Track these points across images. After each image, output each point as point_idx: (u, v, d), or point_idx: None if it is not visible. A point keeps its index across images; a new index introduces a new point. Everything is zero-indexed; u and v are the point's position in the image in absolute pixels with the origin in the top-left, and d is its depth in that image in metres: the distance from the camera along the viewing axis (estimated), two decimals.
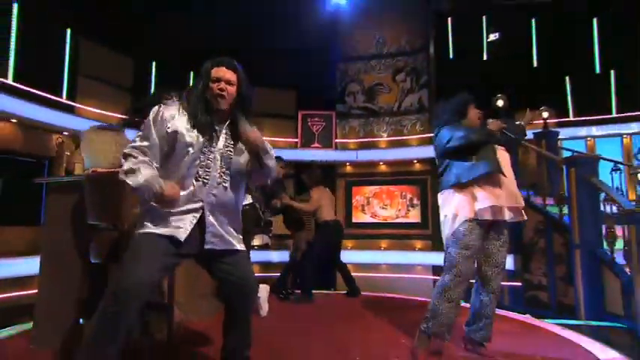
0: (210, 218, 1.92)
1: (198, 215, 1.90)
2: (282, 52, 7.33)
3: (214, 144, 1.95)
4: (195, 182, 1.90)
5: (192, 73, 7.23)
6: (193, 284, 3.25)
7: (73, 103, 6.20)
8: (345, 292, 5.06)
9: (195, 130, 1.93)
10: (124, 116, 6.57)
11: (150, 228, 1.87)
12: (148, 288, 1.76)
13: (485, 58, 8.50)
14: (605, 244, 4.67)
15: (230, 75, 2.00)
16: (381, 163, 7.78)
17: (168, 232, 1.85)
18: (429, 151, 7.38)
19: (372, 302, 4.65)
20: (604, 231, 4.67)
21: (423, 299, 4.67)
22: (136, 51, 6.91)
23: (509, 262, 5.95)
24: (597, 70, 7.50)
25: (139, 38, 6.85)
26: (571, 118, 8.10)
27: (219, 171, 1.94)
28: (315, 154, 7.74)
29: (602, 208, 4.92)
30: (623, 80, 7.72)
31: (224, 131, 1.99)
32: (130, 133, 2.63)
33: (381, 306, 4.41)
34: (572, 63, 7.95)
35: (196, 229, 1.90)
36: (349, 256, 6.65)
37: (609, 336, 3.89)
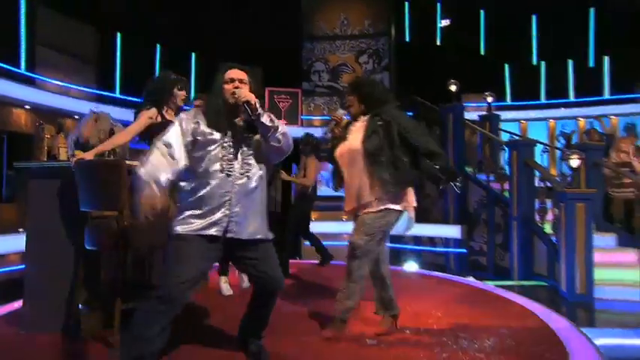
0: (236, 209, 1.99)
1: (227, 208, 1.98)
2: (248, 28, 7.14)
3: (233, 138, 2.03)
4: (219, 175, 1.98)
5: (158, 47, 6.87)
6: None
7: (33, 75, 5.72)
8: (317, 261, 5.23)
9: (214, 129, 2.01)
10: (91, 90, 6.19)
11: (189, 226, 1.96)
12: (193, 287, 1.92)
13: (438, 43, 8.82)
14: (537, 216, 5.28)
15: (241, 75, 2.10)
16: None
17: (206, 232, 1.95)
18: None
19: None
20: (537, 205, 5.26)
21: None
22: (99, 20, 6.43)
23: (457, 231, 6.54)
24: (534, 60, 8.10)
25: (102, 6, 6.36)
26: (508, 103, 8.74)
27: (240, 163, 2.02)
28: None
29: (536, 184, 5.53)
30: (552, 71, 8.42)
31: (241, 125, 2.07)
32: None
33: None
34: (513, 52, 8.51)
35: (225, 220, 1.99)
36: (315, 226, 6.86)
37: (536, 293, 4.47)
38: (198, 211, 1.97)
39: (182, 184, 2.06)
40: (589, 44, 7.03)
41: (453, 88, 6.89)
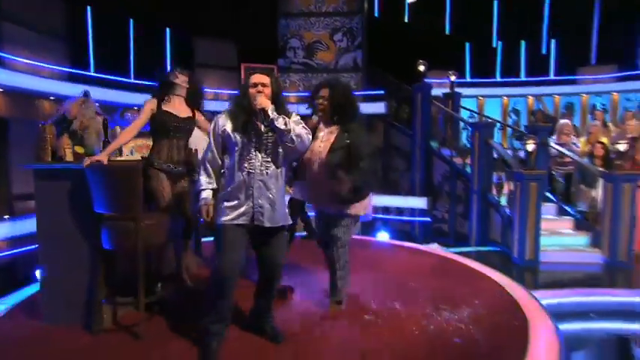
0: (259, 201, 2.28)
1: (251, 201, 2.27)
2: (225, 4, 6.96)
3: (254, 139, 2.28)
4: (243, 172, 2.27)
5: (132, 22, 6.52)
6: None
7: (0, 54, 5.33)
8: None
9: (237, 131, 2.27)
10: (64, 68, 5.84)
11: (226, 216, 2.30)
12: (240, 266, 2.27)
13: (406, 20, 9.01)
14: (494, 190, 5.92)
15: (264, 79, 2.31)
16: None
17: (240, 221, 2.29)
18: (364, 108, 7.97)
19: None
20: (495, 181, 5.87)
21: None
22: None
23: (422, 203, 7.14)
24: (494, 40, 8.54)
25: None
26: (468, 80, 9.26)
27: (260, 161, 2.28)
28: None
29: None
30: (508, 51, 8.96)
31: (262, 126, 2.28)
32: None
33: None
34: (475, 33, 8.90)
35: (250, 211, 2.30)
36: None
37: (492, 258, 5.11)
38: (230, 203, 2.29)
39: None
40: (542, 28, 7.50)
41: (422, 68, 7.25)
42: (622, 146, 4.87)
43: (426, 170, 7.27)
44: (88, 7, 6.22)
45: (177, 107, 3.00)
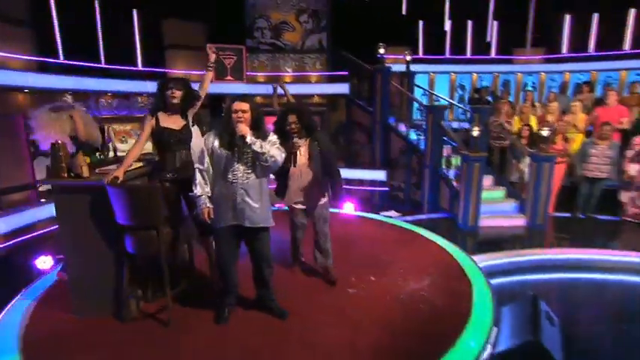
0: (241, 205, 2.81)
1: (236, 205, 2.81)
2: None
3: (237, 155, 2.77)
4: (227, 182, 2.80)
5: (97, 6, 6.23)
6: None
7: None
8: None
9: (223, 147, 2.78)
10: (32, 58, 5.56)
11: (219, 223, 2.87)
12: (234, 256, 2.98)
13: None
14: (444, 164, 6.75)
15: (244, 106, 2.76)
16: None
17: (230, 223, 2.86)
18: (326, 88, 8.34)
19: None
20: (445, 158, 6.68)
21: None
22: None
23: (382, 175, 7.84)
24: (446, 19, 9.00)
25: None
26: (420, 56, 9.83)
27: (242, 172, 2.78)
28: (229, 87, 7.86)
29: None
30: (457, 30, 9.56)
31: (243, 144, 2.76)
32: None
33: None
34: (428, 12, 9.33)
35: (238, 213, 2.85)
36: None
37: (442, 224, 6.02)
38: (218, 208, 2.84)
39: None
40: (487, 11, 8.06)
41: (382, 50, 7.68)
42: (545, 132, 5.74)
43: (385, 145, 7.89)
44: None
45: (174, 120, 3.19)
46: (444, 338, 2.86)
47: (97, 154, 3.56)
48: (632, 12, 8.86)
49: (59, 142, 3.14)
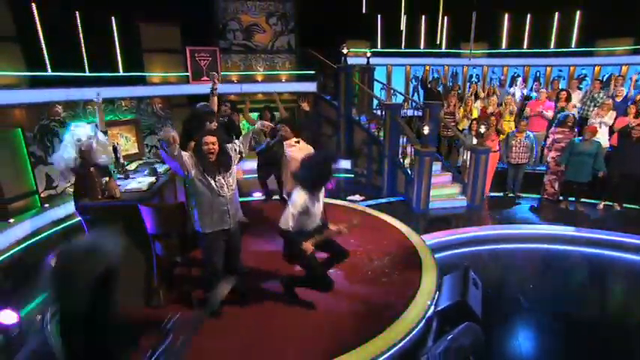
0: (232, 211, 3.44)
1: (227, 212, 3.40)
2: None
3: (218, 177, 3.35)
4: (219, 196, 3.35)
5: (78, 14, 6.36)
6: None
7: None
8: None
9: (205, 174, 3.32)
10: (22, 73, 5.69)
11: (209, 229, 3.39)
12: (222, 262, 3.49)
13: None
14: (400, 154, 7.67)
15: (213, 139, 3.26)
16: (259, 94, 8.96)
17: (222, 227, 3.43)
18: (296, 86, 8.90)
19: None
20: (401, 149, 7.61)
21: None
22: None
23: (348, 163, 8.64)
24: (401, 14, 9.55)
25: None
26: (379, 50, 10.55)
27: (226, 186, 3.38)
28: (206, 87, 8.10)
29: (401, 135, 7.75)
30: (411, 24, 10.27)
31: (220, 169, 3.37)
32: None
33: None
34: (386, 7, 9.91)
35: (227, 218, 3.46)
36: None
37: (398, 206, 6.94)
38: (213, 216, 3.33)
39: (196, 199, 3.31)
40: (439, 2, 8.73)
41: (345, 51, 8.37)
42: (482, 129, 6.81)
43: (349, 136, 8.63)
44: (33, 4, 5.84)
45: None
46: (401, 302, 3.83)
47: (114, 171, 4.17)
48: (557, 15, 10.05)
49: (91, 169, 3.67)
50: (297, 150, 4.33)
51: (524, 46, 10.45)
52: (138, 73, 7.49)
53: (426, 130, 6.66)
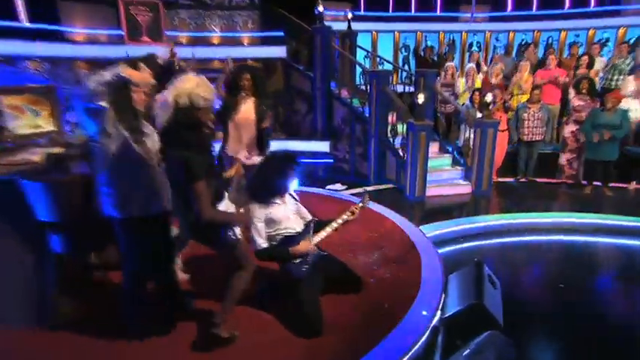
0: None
1: None
2: None
3: None
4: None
5: None
6: None
7: None
8: None
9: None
10: None
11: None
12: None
13: None
14: (389, 133, 7.17)
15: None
16: (215, 60, 8.25)
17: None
18: (261, 51, 8.32)
19: None
20: (390, 127, 7.08)
21: None
22: None
23: (325, 146, 8.10)
24: None
25: None
26: (362, 13, 10.06)
27: None
28: (146, 49, 7.44)
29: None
30: None
31: None
32: None
33: None
34: None
35: None
36: None
37: (389, 195, 6.51)
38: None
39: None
40: None
41: (321, 8, 7.81)
42: (489, 97, 6.35)
43: (327, 113, 8.15)
44: None
45: None
46: (395, 310, 3.26)
47: None
48: None
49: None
50: (246, 110, 4.13)
51: (534, 8, 10.14)
52: (50, 25, 6.68)
53: (420, 98, 6.16)
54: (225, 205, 2.85)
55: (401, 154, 6.72)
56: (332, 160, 8.19)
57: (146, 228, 2.72)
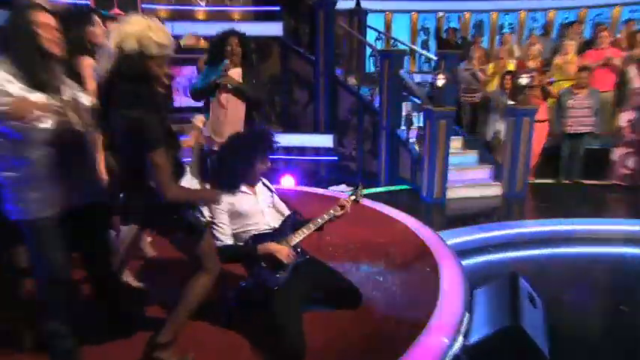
0: None
1: None
2: None
3: None
4: None
5: None
6: None
7: None
8: None
9: None
10: None
11: None
12: None
13: None
14: (403, 125, 6.76)
15: None
16: (201, 39, 7.95)
17: None
18: (253, 28, 8.03)
19: None
20: (404, 120, 6.67)
21: None
22: None
23: (328, 140, 7.76)
24: None
25: None
26: None
27: None
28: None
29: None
30: None
31: None
32: None
33: None
34: None
35: None
36: None
37: (401, 196, 6.18)
38: None
39: None
40: None
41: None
42: (524, 80, 5.92)
43: (331, 103, 7.87)
44: None
45: None
46: (404, 333, 2.82)
47: None
48: None
49: None
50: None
51: None
52: None
53: (440, 81, 5.80)
54: (188, 182, 2.44)
55: (417, 149, 6.33)
56: (336, 158, 7.83)
57: (62, 226, 2.30)
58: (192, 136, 3.36)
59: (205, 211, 2.77)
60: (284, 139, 7.95)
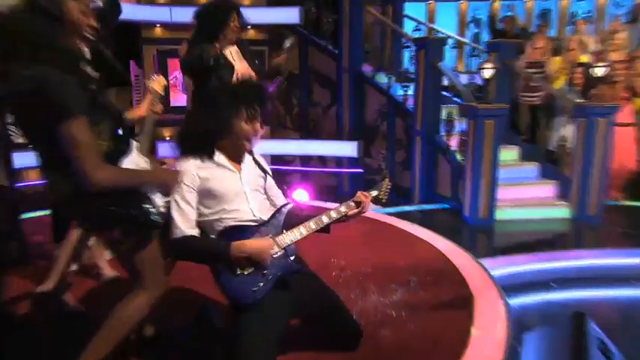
0: None
1: None
2: None
3: None
4: None
5: None
6: None
7: None
8: None
9: None
10: None
11: None
12: None
13: None
14: (443, 130, 6.31)
15: None
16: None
17: None
18: (266, 14, 7.97)
19: None
20: (444, 127, 6.27)
21: None
22: None
23: (352, 149, 7.48)
24: None
25: None
26: None
27: None
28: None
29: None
30: None
31: None
32: None
33: None
34: None
35: None
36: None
37: (438, 217, 5.84)
38: None
39: None
40: None
41: None
42: (600, 70, 5.41)
43: (357, 105, 7.74)
44: None
45: None
46: None
47: None
48: None
49: None
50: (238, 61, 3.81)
51: None
52: None
53: (487, 71, 5.40)
54: (133, 162, 2.14)
55: (458, 158, 5.97)
56: (362, 170, 7.69)
57: None
58: (144, 102, 2.91)
59: (157, 198, 2.26)
60: (301, 148, 8.24)
